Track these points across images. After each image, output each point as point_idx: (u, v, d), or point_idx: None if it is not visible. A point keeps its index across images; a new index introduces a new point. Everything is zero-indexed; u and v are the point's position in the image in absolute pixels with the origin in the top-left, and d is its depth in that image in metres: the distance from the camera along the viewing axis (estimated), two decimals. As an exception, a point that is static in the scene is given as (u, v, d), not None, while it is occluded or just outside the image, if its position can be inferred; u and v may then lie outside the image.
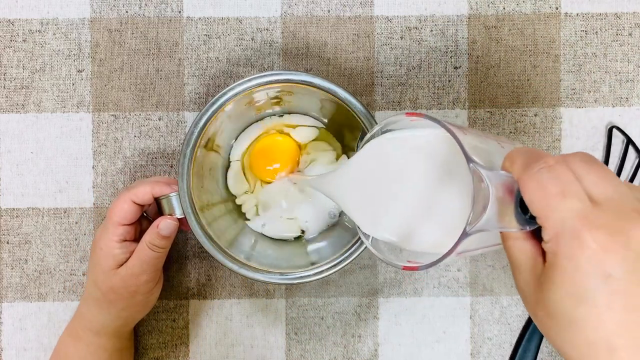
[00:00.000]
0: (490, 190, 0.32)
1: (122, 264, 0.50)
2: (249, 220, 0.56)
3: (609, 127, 0.58)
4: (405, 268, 0.38)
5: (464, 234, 0.32)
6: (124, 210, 0.50)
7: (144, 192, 0.50)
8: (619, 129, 0.58)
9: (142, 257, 0.50)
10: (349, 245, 0.50)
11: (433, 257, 0.36)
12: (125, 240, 0.50)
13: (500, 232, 0.36)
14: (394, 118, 0.40)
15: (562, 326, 0.31)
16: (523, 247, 0.34)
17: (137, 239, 0.52)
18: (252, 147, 0.56)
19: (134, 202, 0.50)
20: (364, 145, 0.43)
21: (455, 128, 0.35)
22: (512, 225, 0.34)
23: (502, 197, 0.33)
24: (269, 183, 0.55)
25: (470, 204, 0.33)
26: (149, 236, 0.50)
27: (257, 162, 0.55)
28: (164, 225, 0.50)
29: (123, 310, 0.52)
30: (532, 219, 0.33)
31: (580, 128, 0.59)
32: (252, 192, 0.56)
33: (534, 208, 0.32)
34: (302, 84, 0.50)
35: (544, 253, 0.33)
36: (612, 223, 0.31)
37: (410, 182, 0.41)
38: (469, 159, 0.33)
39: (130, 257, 0.50)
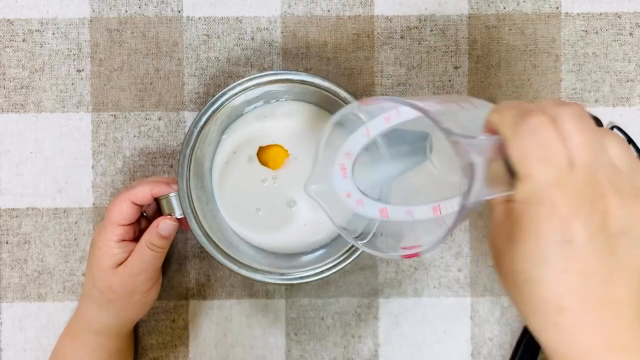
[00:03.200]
0: (476, 162, 0.32)
1: (121, 264, 0.50)
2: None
3: (609, 127, 0.58)
4: (406, 257, 0.38)
5: (463, 208, 0.32)
6: (123, 210, 0.49)
7: (144, 192, 0.50)
8: (619, 128, 0.58)
9: (141, 257, 0.50)
10: (349, 246, 0.50)
11: (420, 238, 0.36)
12: (124, 240, 0.50)
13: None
14: (345, 110, 0.40)
15: (519, 283, 0.33)
16: (502, 201, 0.35)
17: (136, 238, 0.52)
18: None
19: (133, 203, 0.50)
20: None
21: (418, 102, 0.34)
22: (502, 190, 0.34)
23: (490, 160, 0.33)
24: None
25: (454, 176, 0.33)
26: (149, 236, 0.50)
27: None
28: (164, 226, 0.50)
29: (121, 310, 0.52)
30: None
31: (580, 128, 0.58)
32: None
33: (519, 171, 0.33)
34: (302, 83, 0.50)
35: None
36: (581, 191, 0.32)
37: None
38: (447, 133, 0.32)
39: (129, 256, 0.50)
